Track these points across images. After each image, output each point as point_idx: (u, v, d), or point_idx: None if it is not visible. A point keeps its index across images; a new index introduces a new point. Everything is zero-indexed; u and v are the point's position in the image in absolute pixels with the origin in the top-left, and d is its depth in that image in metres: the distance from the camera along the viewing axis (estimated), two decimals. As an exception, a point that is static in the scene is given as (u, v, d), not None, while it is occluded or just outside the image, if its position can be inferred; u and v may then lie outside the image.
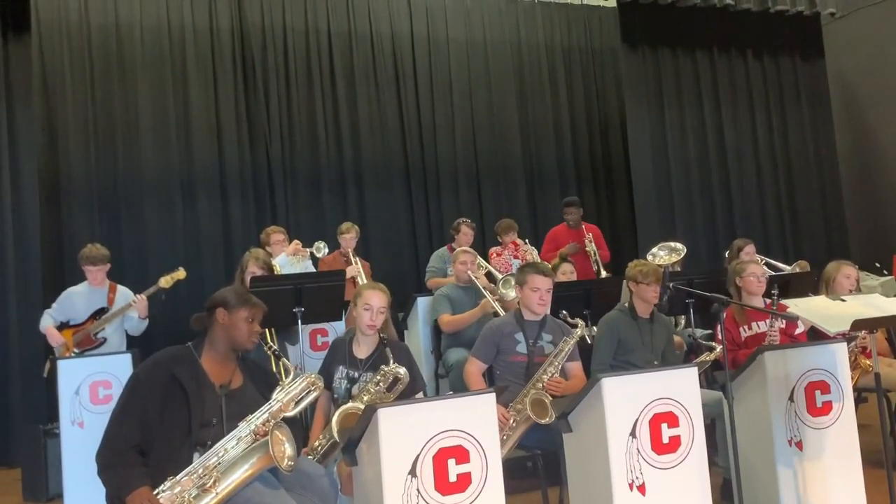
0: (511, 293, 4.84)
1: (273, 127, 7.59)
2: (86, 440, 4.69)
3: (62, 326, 5.19)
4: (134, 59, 7.15)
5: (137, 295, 5.13)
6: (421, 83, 8.24)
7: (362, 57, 8.04)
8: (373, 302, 3.51)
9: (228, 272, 7.14)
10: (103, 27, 7.08)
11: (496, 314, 4.76)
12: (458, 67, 8.42)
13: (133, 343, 5.38)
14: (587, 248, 6.61)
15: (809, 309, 3.25)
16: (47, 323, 5.16)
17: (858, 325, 3.04)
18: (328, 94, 7.88)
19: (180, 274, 5.20)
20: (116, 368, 4.85)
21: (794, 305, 3.29)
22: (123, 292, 5.28)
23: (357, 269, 5.77)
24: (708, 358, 4.27)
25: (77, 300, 5.21)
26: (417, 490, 2.73)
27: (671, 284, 3.74)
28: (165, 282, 5.17)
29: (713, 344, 4.37)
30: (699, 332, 4.43)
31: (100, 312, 5.19)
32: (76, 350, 5.09)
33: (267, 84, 7.61)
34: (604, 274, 6.31)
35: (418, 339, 5.52)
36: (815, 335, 4.36)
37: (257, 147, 7.56)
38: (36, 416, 5.67)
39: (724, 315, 3.53)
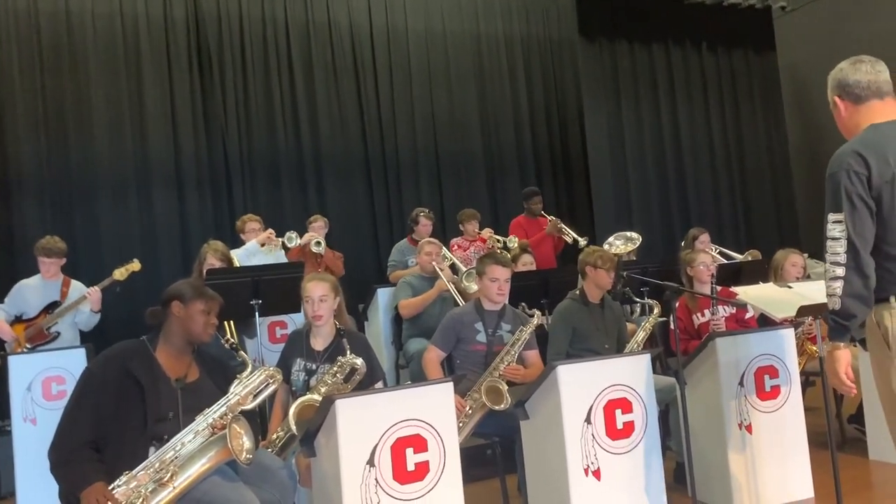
0: (473, 286, 4.89)
1: (230, 118, 7.48)
2: (39, 437, 4.60)
3: (15, 321, 5.08)
4: (85, 48, 6.98)
5: (91, 287, 5.05)
6: (380, 74, 8.21)
7: (320, 47, 7.97)
8: (312, 293, 3.50)
9: (185, 265, 7.04)
10: (53, 15, 6.90)
11: (454, 300, 4.79)
12: (417, 58, 8.40)
13: (87, 338, 5.29)
14: (559, 227, 6.69)
15: (757, 296, 3.35)
16: None
17: (804, 310, 3.14)
18: (286, 85, 7.79)
19: (135, 266, 5.13)
20: (70, 363, 4.76)
21: (743, 292, 3.38)
22: (77, 286, 5.18)
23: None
24: (649, 325, 4.35)
25: (28, 293, 5.10)
26: (376, 479, 2.76)
27: (625, 273, 3.81)
28: (120, 274, 5.10)
29: (651, 302, 4.45)
30: (654, 319, 4.51)
31: (52, 306, 5.10)
32: (28, 345, 4.99)
33: (223, 74, 7.50)
34: (582, 242, 6.36)
35: (379, 329, 5.54)
36: (765, 321, 4.48)
37: (214, 138, 7.45)
38: (-15, 414, 5.55)
39: (677, 303, 3.60)
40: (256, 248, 5.47)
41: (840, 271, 2.30)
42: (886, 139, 2.32)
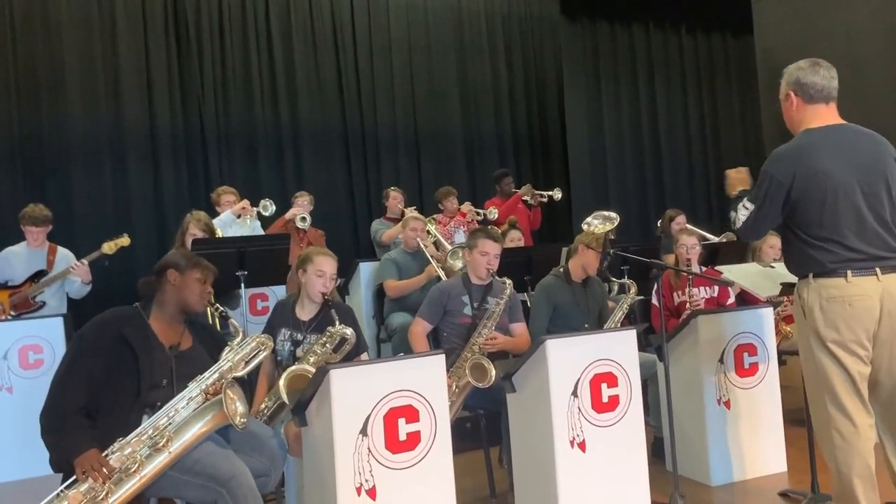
0: (458, 263, 4.91)
1: (206, 88, 7.37)
2: (15, 406, 4.57)
3: None
4: (59, 15, 6.80)
5: (79, 261, 4.98)
6: (360, 47, 8.14)
7: (300, 19, 7.87)
8: (326, 268, 3.49)
9: (160, 237, 6.97)
10: (25, -20, 6.71)
11: (438, 277, 4.80)
12: (397, 31, 8.34)
13: (68, 308, 5.22)
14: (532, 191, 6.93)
15: (742, 274, 3.42)
16: None
17: (787, 289, 3.21)
18: (264, 57, 7.69)
19: (124, 240, 5.07)
20: (47, 332, 4.71)
21: (728, 271, 3.45)
22: (63, 254, 5.12)
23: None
24: (626, 305, 4.42)
25: (14, 261, 5.03)
26: (368, 449, 2.78)
27: (612, 251, 3.85)
28: (109, 248, 5.03)
29: (629, 282, 4.53)
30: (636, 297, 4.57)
31: (39, 275, 5.02)
32: (12, 313, 4.91)
33: (200, 43, 7.38)
34: (556, 195, 6.92)
35: (360, 304, 5.53)
36: (743, 304, 4.58)
37: (190, 109, 7.33)
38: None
39: (662, 280, 3.66)
40: (231, 219, 5.43)
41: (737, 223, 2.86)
42: (812, 144, 2.72)
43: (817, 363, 2.69)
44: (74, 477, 2.43)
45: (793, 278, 3.24)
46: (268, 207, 5.73)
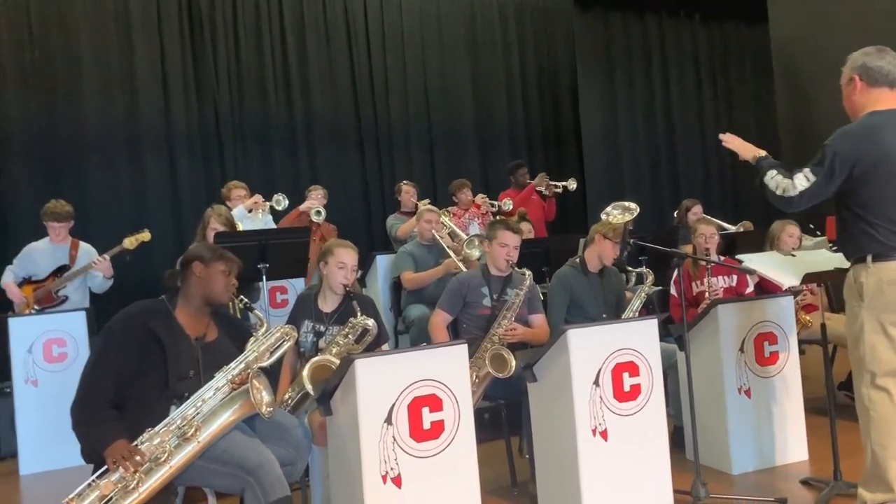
0: (475, 253, 4.92)
1: (221, 82, 7.41)
2: (40, 399, 4.64)
3: (23, 282, 5.07)
4: (75, 10, 6.84)
5: (100, 256, 5.03)
6: (373, 41, 8.15)
7: (313, 13, 7.89)
8: (347, 260, 3.52)
9: (176, 231, 7.02)
10: (41, -25, 6.75)
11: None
12: (410, 25, 8.34)
13: (91, 303, 5.28)
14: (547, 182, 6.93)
15: (763, 263, 3.41)
16: (7, 279, 5.05)
17: (809, 277, 3.20)
18: (278, 52, 7.72)
19: (145, 235, 5.14)
20: (71, 326, 4.78)
21: (749, 260, 3.44)
22: (86, 249, 5.18)
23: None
24: (644, 294, 4.42)
25: (38, 256, 5.10)
26: (393, 437, 2.80)
27: (631, 241, 3.86)
28: (129, 243, 5.09)
29: (645, 272, 4.52)
30: (652, 288, 4.57)
31: (61, 270, 5.08)
32: (36, 307, 4.98)
33: (214, 37, 7.41)
34: (571, 185, 6.90)
35: (378, 295, 5.56)
36: (762, 293, 4.57)
37: (205, 102, 7.37)
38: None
39: (682, 270, 3.66)
40: (243, 214, 5.47)
41: (779, 189, 2.83)
42: (881, 124, 2.74)
43: (870, 345, 2.72)
44: (105, 467, 2.46)
45: (815, 267, 3.26)
46: (281, 202, 5.76)
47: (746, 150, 3.08)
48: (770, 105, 9.46)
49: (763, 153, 3.01)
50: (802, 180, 2.76)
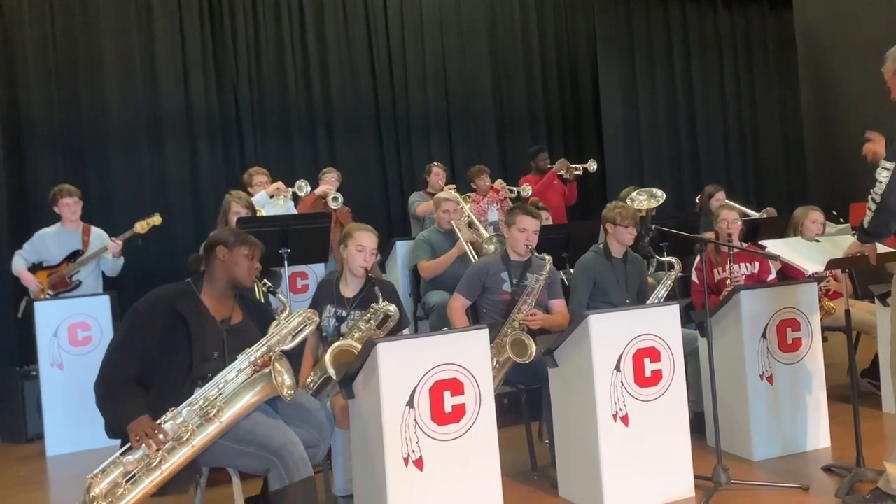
0: (492, 248, 4.91)
1: (241, 69, 7.43)
2: (66, 382, 4.71)
3: (35, 268, 5.11)
4: (96, -1, 6.89)
5: (113, 239, 5.08)
6: (392, 26, 8.12)
7: (332, -1, 7.88)
8: (366, 243, 3.54)
9: (197, 216, 7.07)
10: (63, -38, 6.79)
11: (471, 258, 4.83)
12: (429, 10, 8.29)
13: (107, 287, 5.34)
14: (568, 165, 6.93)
15: (787, 248, 3.38)
16: (20, 265, 5.09)
17: (833, 264, 3.17)
18: (297, 36, 7.71)
19: (156, 220, 5.17)
20: (95, 310, 4.85)
21: (772, 245, 3.41)
22: (98, 234, 5.22)
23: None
24: (670, 282, 4.39)
25: (50, 241, 5.13)
26: (415, 420, 2.82)
27: (653, 226, 3.84)
28: (141, 227, 5.13)
29: (671, 260, 4.49)
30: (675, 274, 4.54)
31: (75, 255, 5.13)
32: (50, 292, 5.03)
33: (234, 23, 7.41)
34: (591, 166, 6.96)
35: (397, 282, 5.56)
36: (784, 279, 4.54)
37: (225, 89, 7.39)
38: (8, 359, 5.60)
39: (705, 256, 3.64)
40: (265, 200, 5.48)
41: (872, 206, 2.80)
42: None
43: None
44: (129, 444, 2.50)
45: (839, 253, 3.23)
46: (303, 188, 5.77)
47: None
48: (794, 90, 9.35)
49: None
50: (883, 172, 2.72)
